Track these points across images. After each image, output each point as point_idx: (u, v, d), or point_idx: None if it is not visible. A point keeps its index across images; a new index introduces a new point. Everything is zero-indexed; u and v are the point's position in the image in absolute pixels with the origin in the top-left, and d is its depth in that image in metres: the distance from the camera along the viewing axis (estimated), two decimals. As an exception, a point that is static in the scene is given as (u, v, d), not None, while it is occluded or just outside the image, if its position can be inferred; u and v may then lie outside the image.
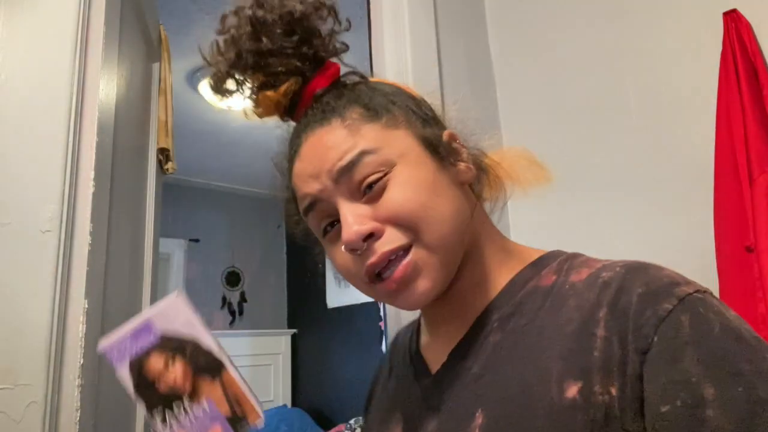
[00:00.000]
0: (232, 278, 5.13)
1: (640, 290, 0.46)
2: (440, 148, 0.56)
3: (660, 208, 1.34)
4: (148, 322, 0.52)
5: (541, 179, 0.60)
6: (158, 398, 0.52)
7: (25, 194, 0.93)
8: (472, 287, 0.58)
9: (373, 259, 0.52)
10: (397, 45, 1.50)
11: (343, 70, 0.62)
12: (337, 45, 0.61)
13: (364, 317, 4.36)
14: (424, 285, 0.52)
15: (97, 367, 0.99)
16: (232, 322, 5.03)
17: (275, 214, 5.55)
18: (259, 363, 4.88)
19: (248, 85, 0.60)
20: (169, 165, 1.69)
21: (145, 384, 0.52)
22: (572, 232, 1.47)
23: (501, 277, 0.58)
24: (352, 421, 3.85)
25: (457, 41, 1.70)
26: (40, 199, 0.93)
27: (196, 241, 4.94)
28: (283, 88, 0.58)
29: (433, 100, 0.66)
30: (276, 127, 0.69)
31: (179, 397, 0.52)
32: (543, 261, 0.58)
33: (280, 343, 5.10)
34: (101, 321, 1.03)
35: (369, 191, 0.52)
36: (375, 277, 0.53)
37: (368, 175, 0.52)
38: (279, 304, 5.37)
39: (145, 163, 1.58)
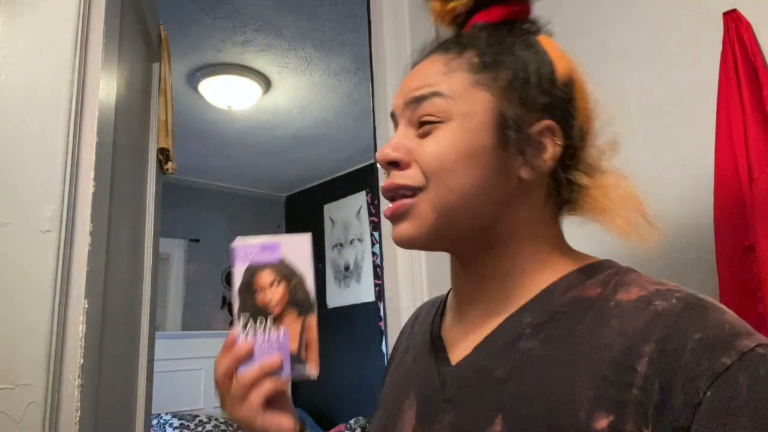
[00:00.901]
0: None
1: (697, 336, 0.43)
2: (514, 132, 0.54)
3: (659, 208, 1.34)
4: (278, 244, 0.59)
5: (639, 236, 0.55)
6: (251, 306, 0.58)
7: (25, 194, 0.93)
8: (502, 279, 0.56)
9: (385, 183, 0.57)
10: (397, 44, 1.50)
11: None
12: None
13: (364, 317, 4.36)
14: (405, 228, 0.55)
15: (97, 367, 0.99)
16: (232, 322, 5.02)
17: (275, 214, 5.55)
18: (259, 363, 4.87)
19: None
20: (169, 165, 1.69)
21: (249, 289, 0.59)
22: (571, 229, 1.47)
23: (542, 277, 0.55)
24: (351, 421, 3.85)
25: (457, 41, 1.70)
26: (40, 199, 0.93)
27: (196, 241, 4.94)
28: (451, 5, 0.60)
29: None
30: (275, 128, 0.70)
31: (266, 315, 0.58)
32: (591, 269, 0.55)
33: (280, 343, 5.09)
34: (101, 321, 1.03)
35: (421, 127, 0.55)
36: (389, 197, 0.57)
37: (427, 114, 0.55)
38: (279, 304, 5.36)
39: (145, 163, 1.58)
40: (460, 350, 0.57)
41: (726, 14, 1.19)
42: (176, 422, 4.06)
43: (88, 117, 1.01)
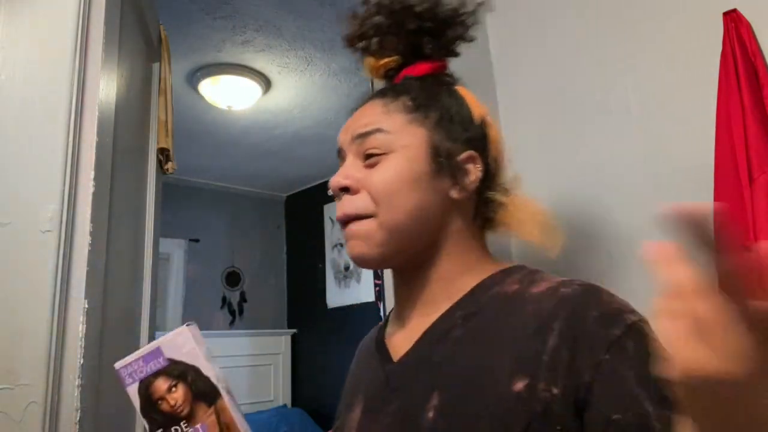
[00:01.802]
0: (232, 278, 5.13)
1: (594, 313, 0.54)
2: (443, 159, 0.65)
3: (659, 207, 1.34)
4: (158, 348, 0.59)
5: (552, 245, 0.67)
6: (161, 420, 0.58)
7: (25, 194, 0.93)
8: (438, 283, 0.66)
9: (338, 212, 0.65)
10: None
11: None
12: (453, 49, 0.72)
13: (364, 317, 4.35)
14: (361, 248, 0.64)
15: (97, 367, 0.99)
16: (232, 322, 5.03)
17: (275, 214, 5.55)
18: (259, 363, 4.87)
19: (367, 46, 0.72)
20: (169, 165, 1.69)
21: (150, 404, 0.58)
22: (571, 228, 1.47)
23: (471, 279, 0.65)
24: (352, 421, 3.85)
25: (457, 41, 1.70)
26: (40, 199, 0.93)
27: (196, 241, 4.94)
28: (383, 61, 0.71)
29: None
30: (275, 128, 0.74)
31: (178, 420, 0.58)
32: (510, 270, 0.66)
33: (280, 343, 5.09)
34: (101, 321, 1.03)
35: (368, 159, 0.65)
36: (344, 223, 0.65)
37: (373, 147, 0.64)
38: (279, 304, 5.37)
39: (145, 163, 1.58)
40: (402, 349, 0.66)
41: (726, 14, 1.19)
42: (176, 422, 4.06)
43: (88, 117, 1.01)
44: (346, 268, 4.69)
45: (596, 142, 1.49)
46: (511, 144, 1.86)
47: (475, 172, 0.67)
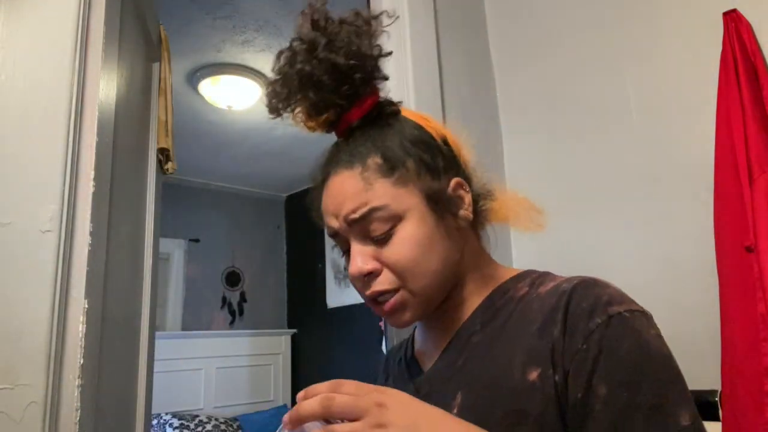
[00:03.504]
0: (232, 278, 5.13)
1: (584, 304, 0.57)
2: (442, 201, 0.65)
3: (659, 208, 1.34)
4: None
5: (537, 226, 0.70)
6: None
7: (25, 194, 0.93)
8: (455, 305, 0.69)
9: (368, 292, 0.65)
10: (398, 45, 1.50)
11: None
12: (377, 75, 0.68)
13: (364, 317, 4.35)
14: (407, 316, 0.65)
15: (97, 367, 0.99)
16: (232, 322, 5.03)
17: (275, 214, 5.55)
18: (259, 363, 4.87)
19: (295, 110, 0.69)
20: (169, 165, 1.69)
21: None
22: (572, 228, 1.47)
23: (486, 290, 0.69)
24: (352, 421, 3.85)
25: (457, 42, 1.70)
26: (40, 199, 0.93)
27: (196, 241, 4.94)
28: (322, 119, 0.68)
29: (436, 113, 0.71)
30: (274, 129, 0.73)
31: None
32: (520, 276, 0.69)
33: (280, 343, 5.09)
34: (101, 321, 1.03)
35: (377, 238, 0.64)
36: (373, 300, 0.66)
37: (377, 228, 0.63)
38: (279, 304, 5.37)
39: (145, 163, 1.58)
40: (430, 361, 0.70)
41: (726, 14, 1.19)
42: (176, 422, 4.06)
43: (88, 117, 1.01)
44: (346, 268, 4.69)
45: (596, 142, 1.49)
46: (511, 144, 1.87)
47: (466, 196, 0.68)
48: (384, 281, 0.64)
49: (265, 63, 3.03)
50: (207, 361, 4.58)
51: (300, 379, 5.04)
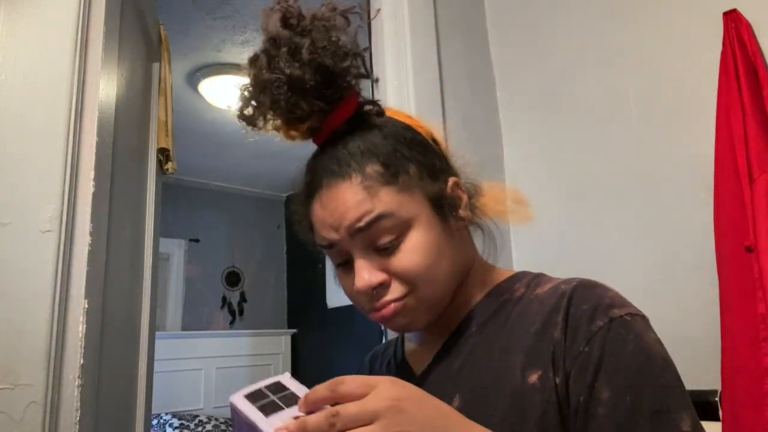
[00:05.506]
0: (232, 278, 5.13)
1: (585, 306, 0.57)
2: (445, 203, 0.63)
3: (659, 208, 1.34)
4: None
5: (525, 217, 0.70)
6: None
7: (25, 194, 0.93)
8: (458, 301, 0.68)
9: (377, 304, 0.62)
10: (398, 46, 1.50)
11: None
12: (362, 74, 0.63)
13: (364, 317, 4.33)
14: (405, 322, 0.63)
15: (97, 367, 0.99)
16: (232, 322, 5.03)
17: (275, 214, 5.55)
18: (259, 363, 4.87)
19: (274, 120, 0.66)
20: (169, 165, 1.69)
21: None
22: (572, 229, 1.47)
23: (482, 292, 0.68)
24: (352, 421, 3.85)
25: (457, 42, 1.70)
26: (40, 199, 0.93)
27: (196, 241, 4.94)
28: (305, 126, 0.63)
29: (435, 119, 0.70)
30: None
31: None
32: (515, 277, 0.68)
33: (280, 343, 5.09)
34: (101, 321, 1.03)
35: (383, 247, 0.60)
36: (377, 310, 0.63)
37: (384, 237, 0.60)
38: (279, 304, 5.37)
39: (145, 163, 1.58)
40: (423, 363, 0.68)
41: (726, 14, 1.19)
42: (176, 422, 4.06)
43: (88, 117, 1.01)
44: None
45: (596, 142, 1.49)
46: (511, 144, 1.87)
47: (463, 195, 0.66)
48: (395, 291, 0.61)
49: (265, 63, 3.02)
50: (207, 361, 4.58)
51: (300, 379, 5.03)
